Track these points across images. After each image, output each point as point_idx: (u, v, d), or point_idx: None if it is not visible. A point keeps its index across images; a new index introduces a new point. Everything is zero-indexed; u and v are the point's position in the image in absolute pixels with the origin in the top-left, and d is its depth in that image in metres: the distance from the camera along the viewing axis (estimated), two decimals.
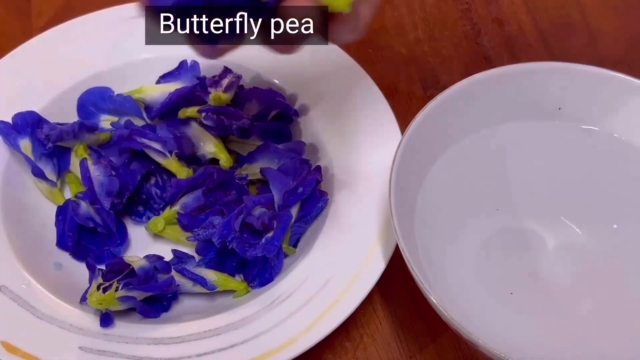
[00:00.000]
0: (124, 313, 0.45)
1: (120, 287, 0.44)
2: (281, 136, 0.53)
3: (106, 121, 0.54)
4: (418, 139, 0.45)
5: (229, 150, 0.52)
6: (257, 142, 0.52)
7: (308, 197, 0.48)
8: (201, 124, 0.51)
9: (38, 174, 0.49)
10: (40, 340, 0.43)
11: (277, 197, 0.47)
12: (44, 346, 0.43)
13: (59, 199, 0.50)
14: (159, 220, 0.49)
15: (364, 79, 0.54)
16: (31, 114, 0.50)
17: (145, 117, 0.54)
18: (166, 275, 0.46)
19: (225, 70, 0.52)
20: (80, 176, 0.50)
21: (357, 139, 0.52)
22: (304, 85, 0.55)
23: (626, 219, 0.48)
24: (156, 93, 0.53)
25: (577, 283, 0.47)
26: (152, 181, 0.51)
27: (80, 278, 0.47)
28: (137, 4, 0.35)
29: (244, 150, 0.52)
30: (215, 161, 0.52)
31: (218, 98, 0.51)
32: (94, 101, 0.53)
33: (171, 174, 0.51)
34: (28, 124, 0.50)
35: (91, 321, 0.44)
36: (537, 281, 0.47)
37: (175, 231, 0.49)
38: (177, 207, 0.49)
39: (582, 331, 0.45)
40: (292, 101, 0.54)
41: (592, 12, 0.65)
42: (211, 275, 0.47)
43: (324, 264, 0.47)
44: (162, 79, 0.54)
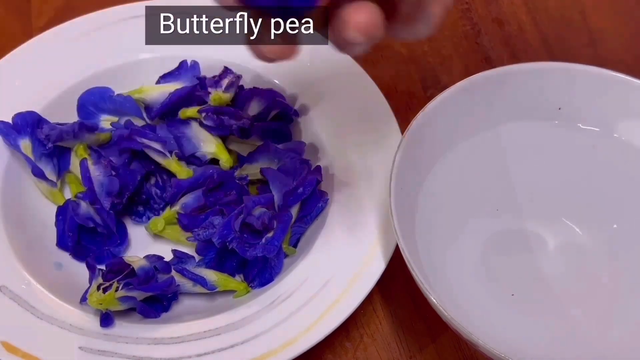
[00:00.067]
0: (124, 313, 0.45)
1: (120, 287, 0.43)
2: (281, 136, 0.53)
3: (106, 121, 0.54)
4: (418, 139, 0.45)
5: (229, 150, 0.52)
6: (257, 142, 0.52)
7: (308, 197, 0.48)
8: (201, 124, 0.51)
9: (38, 174, 0.49)
10: (40, 340, 0.43)
11: (277, 197, 0.47)
12: (44, 346, 0.43)
13: (59, 199, 0.50)
14: (159, 220, 0.49)
15: (364, 79, 0.54)
16: (31, 114, 0.50)
17: (145, 117, 0.54)
18: (166, 275, 0.46)
19: (225, 70, 0.52)
20: (80, 176, 0.50)
21: (357, 139, 0.52)
22: (304, 85, 0.54)
23: (626, 219, 0.48)
24: (156, 93, 0.53)
25: (578, 283, 0.47)
26: (152, 181, 0.51)
27: (80, 278, 0.47)
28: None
29: (244, 150, 0.52)
30: (215, 161, 0.52)
31: (218, 98, 0.51)
32: (94, 101, 0.53)
33: (171, 174, 0.51)
34: (28, 124, 0.50)
35: (91, 321, 0.44)
36: (538, 281, 0.47)
37: (175, 231, 0.49)
38: (177, 207, 0.49)
39: (583, 331, 0.45)
40: (292, 101, 0.54)
41: (592, 12, 0.65)
42: (211, 275, 0.47)
43: (324, 264, 0.47)
44: (162, 79, 0.54)
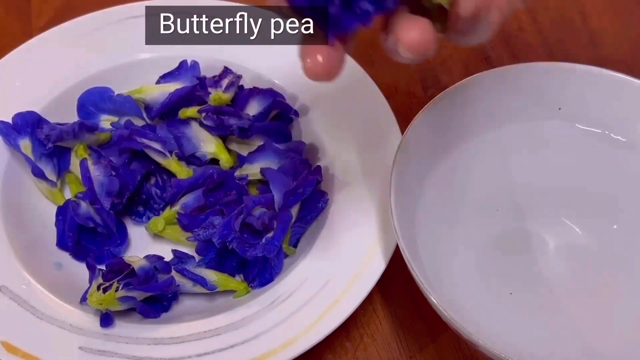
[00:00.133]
0: (124, 313, 0.45)
1: (120, 287, 0.43)
2: (281, 136, 0.53)
3: (106, 121, 0.54)
4: (418, 139, 0.45)
5: (229, 150, 0.52)
6: (257, 142, 0.52)
7: (308, 197, 0.48)
8: (201, 124, 0.51)
9: (38, 174, 0.49)
10: (40, 340, 0.43)
11: (277, 197, 0.47)
12: (44, 346, 0.43)
13: (59, 199, 0.50)
14: (159, 220, 0.49)
15: (364, 79, 0.54)
16: (31, 114, 0.50)
17: (145, 117, 0.54)
18: (166, 275, 0.45)
19: (225, 70, 0.52)
20: (80, 176, 0.50)
21: (357, 139, 0.52)
22: (304, 85, 0.54)
23: (626, 219, 0.48)
24: (156, 93, 0.53)
25: (578, 283, 0.47)
26: (152, 181, 0.51)
27: (80, 278, 0.47)
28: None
29: (244, 150, 0.52)
30: (215, 161, 0.52)
31: (218, 98, 0.51)
32: (94, 101, 0.53)
33: (171, 174, 0.51)
34: (28, 124, 0.50)
35: (91, 321, 0.44)
36: (538, 281, 0.47)
37: (175, 231, 0.49)
38: (177, 207, 0.49)
39: (583, 331, 0.45)
40: (292, 101, 0.54)
41: (592, 12, 0.64)
42: (211, 275, 0.47)
43: (324, 264, 0.47)
44: (162, 79, 0.54)
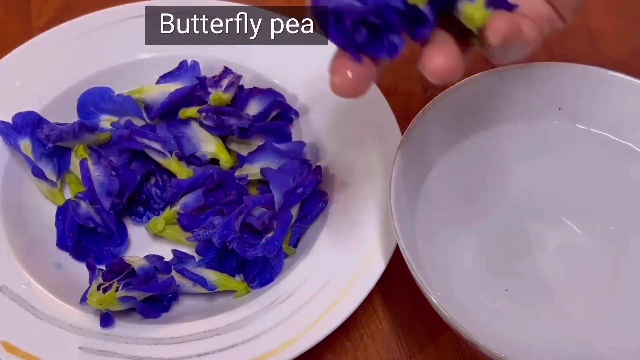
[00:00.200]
0: (124, 313, 0.45)
1: (120, 287, 0.43)
2: (281, 136, 0.53)
3: (106, 121, 0.54)
4: (418, 139, 0.45)
5: (229, 150, 0.52)
6: (257, 142, 0.52)
7: (308, 198, 0.48)
8: (201, 124, 0.51)
9: (38, 174, 0.49)
10: (40, 340, 0.43)
11: (277, 197, 0.47)
12: (44, 346, 0.43)
13: (59, 199, 0.50)
14: (159, 220, 0.49)
15: None
16: (31, 114, 0.50)
17: (145, 117, 0.54)
18: (166, 275, 0.45)
19: (225, 70, 0.52)
20: (80, 176, 0.50)
21: (357, 139, 0.52)
22: (304, 85, 0.54)
23: (625, 219, 0.48)
24: (156, 93, 0.53)
25: (578, 283, 0.47)
26: (152, 181, 0.51)
27: (80, 278, 0.47)
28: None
29: (244, 150, 0.52)
30: (215, 161, 0.52)
31: (218, 98, 0.51)
32: (94, 101, 0.53)
33: (171, 174, 0.51)
34: (28, 124, 0.50)
35: (91, 321, 0.44)
36: (538, 281, 0.47)
37: (175, 231, 0.49)
38: (177, 207, 0.49)
39: (582, 331, 0.45)
40: (292, 101, 0.54)
41: (592, 12, 0.64)
42: (211, 275, 0.47)
43: (324, 264, 0.47)
44: (162, 79, 0.54)
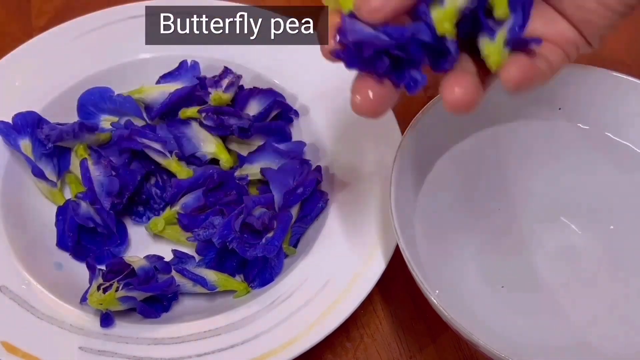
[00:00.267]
0: (124, 313, 0.45)
1: (120, 288, 0.43)
2: (281, 136, 0.53)
3: (106, 121, 0.54)
4: (418, 139, 0.45)
5: (229, 150, 0.52)
6: (257, 142, 0.52)
7: (308, 197, 0.48)
8: (201, 124, 0.51)
9: (38, 174, 0.49)
10: (40, 340, 0.43)
11: (277, 197, 0.47)
12: (44, 346, 0.43)
13: (59, 199, 0.50)
14: (159, 220, 0.49)
15: None
16: (31, 114, 0.50)
17: (145, 117, 0.54)
18: (166, 275, 0.45)
19: (225, 70, 0.52)
20: (80, 176, 0.50)
21: (357, 139, 0.52)
22: (304, 85, 0.54)
23: (626, 220, 0.48)
24: (156, 93, 0.53)
25: (578, 283, 0.47)
26: (152, 181, 0.51)
27: (80, 278, 0.47)
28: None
29: (244, 150, 0.52)
30: (215, 161, 0.52)
31: (218, 98, 0.51)
32: (94, 101, 0.53)
33: (171, 174, 0.51)
34: (28, 124, 0.50)
35: (91, 321, 0.44)
36: (538, 281, 0.47)
37: (175, 231, 0.49)
38: (177, 207, 0.49)
39: (582, 331, 0.45)
40: (292, 101, 0.54)
41: None
42: (211, 275, 0.47)
43: (324, 264, 0.47)
44: (162, 79, 0.54)
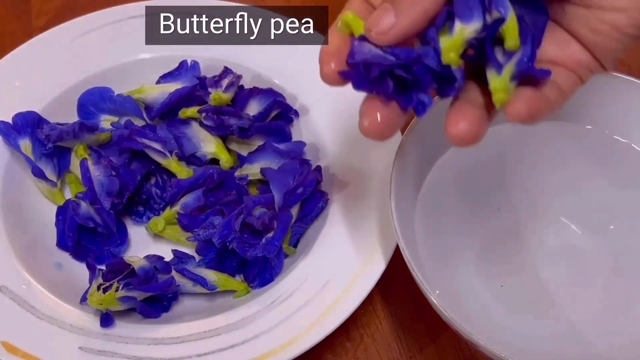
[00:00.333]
0: (124, 313, 0.45)
1: (120, 288, 0.43)
2: (281, 136, 0.53)
3: (106, 121, 0.54)
4: (418, 139, 0.45)
5: (229, 150, 0.52)
6: (257, 142, 0.52)
7: (308, 197, 0.48)
8: (201, 124, 0.51)
9: (38, 174, 0.49)
10: (40, 340, 0.43)
11: (278, 197, 0.47)
12: (44, 346, 0.43)
13: (59, 199, 0.50)
14: (159, 220, 0.49)
15: None
16: (31, 114, 0.50)
17: (145, 117, 0.54)
18: (166, 275, 0.45)
19: (225, 70, 0.52)
20: (80, 176, 0.50)
21: (357, 139, 0.52)
22: (304, 85, 0.54)
23: (626, 220, 0.48)
24: (156, 93, 0.53)
25: (578, 283, 0.47)
26: (152, 181, 0.51)
27: (80, 278, 0.47)
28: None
29: (244, 150, 0.52)
30: (215, 161, 0.52)
31: (218, 98, 0.51)
32: (94, 101, 0.53)
33: (171, 174, 0.51)
34: (28, 124, 0.50)
35: (91, 321, 0.44)
36: (538, 281, 0.47)
37: (175, 231, 0.49)
38: (177, 207, 0.49)
39: (582, 331, 0.45)
40: (292, 101, 0.54)
41: None
42: (211, 275, 0.47)
43: (324, 264, 0.47)
44: (162, 79, 0.54)
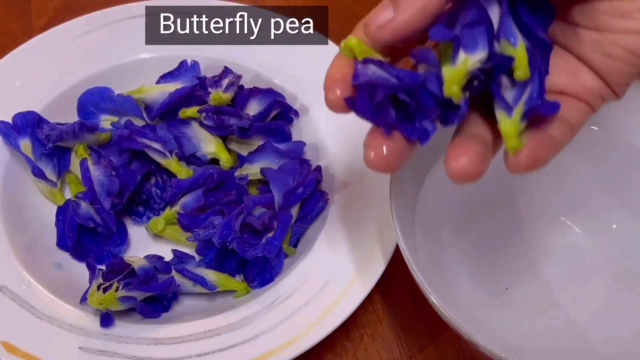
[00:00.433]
0: (124, 313, 0.45)
1: (120, 287, 0.43)
2: (281, 136, 0.53)
3: (106, 121, 0.54)
4: None
5: (229, 150, 0.52)
6: (257, 142, 0.52)
7: (308, 197, 0.48)
8: (201, 124, 0.51)
9: (38, 174, 0.49)
10: (40, 340, 0.43)
11: (278, 197, 0.47)
12: (44, 346, 0.43)
13: (59, 199, 0.50)
14: (159, 220, 0.49)
15: None
16: (31, 114, 0.50)
17: (145, 117, 0.54)
18: (166, 275, 0.46)
19: (225, 70, 0.52)
20: (80, 176, 0.50)
21: (357, 139, 0.52)
22: (304, 85, 0.54)
23: (626, 220, 0.48)
24: (156, 93, 0.53)
25: (578, 282, 0.47)
26: (152, 181, 0.51)
27: (80, 278, 0.47)
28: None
29: (244, 150, 0.52)
30: (215, 161, 0.52)
31: (218, 98, 0.51)
32: (94, 101, 0.53)
33: (171, 174, 0.51)
34: (28, 124, 0.50)
35: (91, 321, 0.44)
36: (538, 281, 0.47)
37: (175, 231, 0.49)
38: (177, 207, 0.49)
39: (582, 331, 0.45)
40: (292, 101, 0.54)
41: None
42: (211, 275, 0.47)
43: (324, 264, 0.47)
44: (162, 79, 0.54)
